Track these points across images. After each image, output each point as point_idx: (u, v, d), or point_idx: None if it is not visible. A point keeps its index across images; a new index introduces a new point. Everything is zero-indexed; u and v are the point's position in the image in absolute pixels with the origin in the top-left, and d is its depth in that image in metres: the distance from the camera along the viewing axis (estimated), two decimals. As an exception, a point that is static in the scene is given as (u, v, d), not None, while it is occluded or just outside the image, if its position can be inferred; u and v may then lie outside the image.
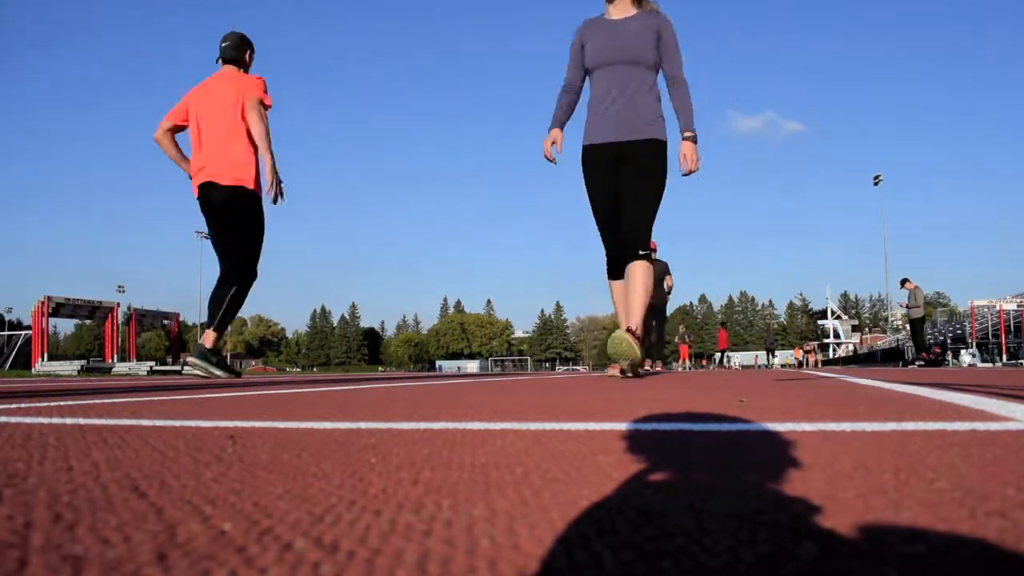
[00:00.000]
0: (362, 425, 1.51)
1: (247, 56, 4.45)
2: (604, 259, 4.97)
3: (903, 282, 16.80)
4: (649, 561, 0.48)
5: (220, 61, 4.48)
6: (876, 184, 36.34)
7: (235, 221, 4.17)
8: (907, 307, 16.78)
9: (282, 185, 4.23)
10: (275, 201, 4.21)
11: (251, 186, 4.17)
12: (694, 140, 4.65)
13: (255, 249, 4.26)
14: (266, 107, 4.10)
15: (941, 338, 28.40)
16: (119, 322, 35.58)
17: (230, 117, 4.13)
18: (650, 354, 11.93)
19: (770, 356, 35.46)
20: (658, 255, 12.53)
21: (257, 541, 0.54)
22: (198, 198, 4.25)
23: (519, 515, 0.62)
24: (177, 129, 4.40)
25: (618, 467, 0.89)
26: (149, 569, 0.47)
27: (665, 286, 13.04)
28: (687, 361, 25.02)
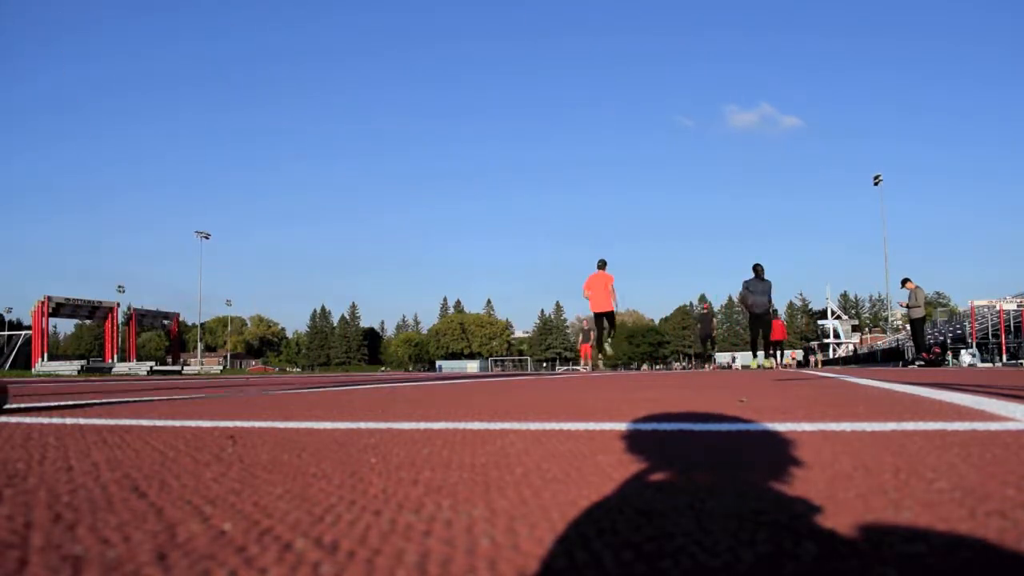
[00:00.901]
0: (362, 425, 1.51)
1: (606, 266, 13.00)
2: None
3: (904, 282, 16.80)
4: (649, 561, 0.48)
5: (598, 267, 13.03)
6: (876, 184, 36.39)
7: (611, 318, 12.99)
8: (907, 307, 16.78)
9: (617, 306, 12.99)
10: (615, 309, 13.01)
11: (612, 308, 12.74)
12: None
13: (614, 323, 13.17)
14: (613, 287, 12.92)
15: (941, 338, 28.41)
16: (119, 322, 35.62)
17: (604, 287, 12.77)
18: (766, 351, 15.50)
19: (707, 346, 19.85)
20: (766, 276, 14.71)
21: (257, 541, 0.54)
22: (595, 312, 12.98)
23: (519, 515, 0.62)
24: (589, 292, 12.94)
25: (618, 467, 0.89)
26: (149, 569, 0.47)
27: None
28: (588, 361, 20.08)
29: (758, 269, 13.71)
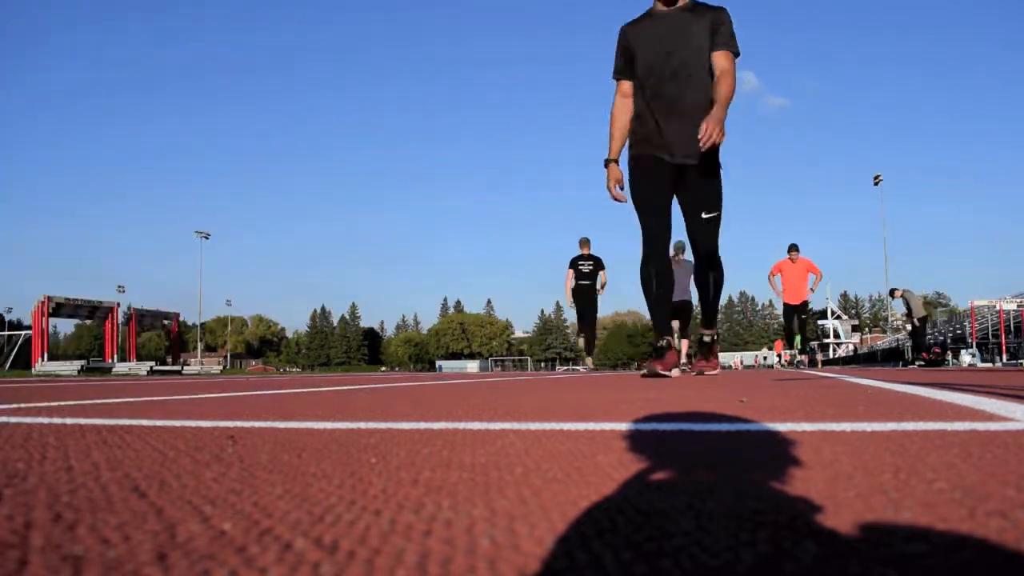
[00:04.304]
0: (362, 425, 1.51)
1: None
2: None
3: (892, 292, 16.66)
4: (649, 561, 0.48)
5: None
6: (876, 184, 36.35)
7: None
8: (909, 315, 16.65)
9: None
10: None
11: None
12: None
13: None
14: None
15: (941, 338, 28.38)
16: (119, 322, 35.63)
17: None
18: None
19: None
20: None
21: (257, 541, 0.54)
22: None
23: (519, 515, 0.62)
24: None
25: (618, 467, 0.89)
26: (149, 569, 0.47)
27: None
28: None
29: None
